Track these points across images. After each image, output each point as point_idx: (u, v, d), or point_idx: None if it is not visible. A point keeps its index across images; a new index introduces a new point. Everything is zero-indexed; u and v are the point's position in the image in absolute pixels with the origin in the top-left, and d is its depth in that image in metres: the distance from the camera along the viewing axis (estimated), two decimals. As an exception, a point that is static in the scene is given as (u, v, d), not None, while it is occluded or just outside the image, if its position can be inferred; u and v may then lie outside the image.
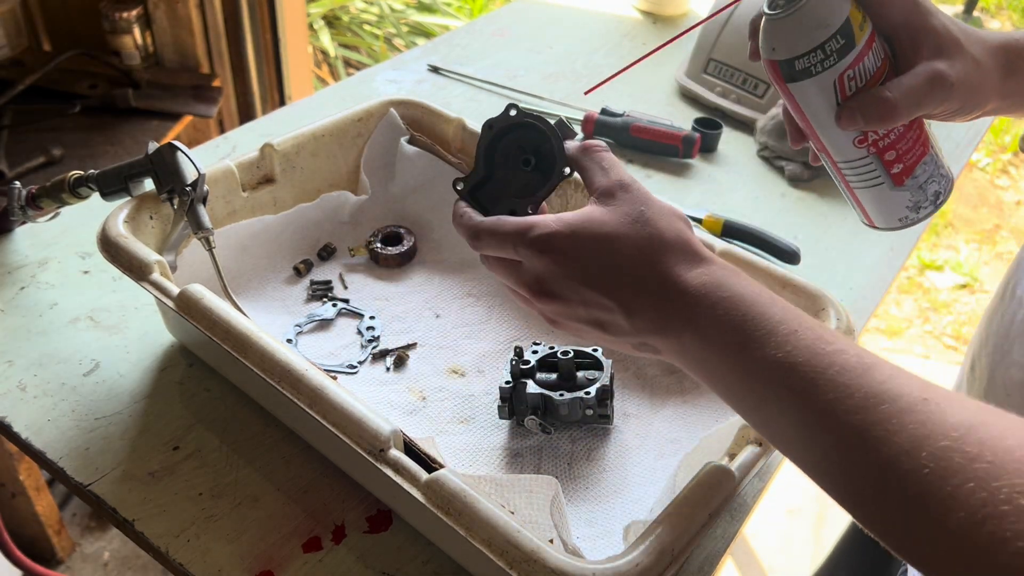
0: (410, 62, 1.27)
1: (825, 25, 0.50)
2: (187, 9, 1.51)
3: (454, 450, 0.68)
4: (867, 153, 0.56)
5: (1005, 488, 0.33)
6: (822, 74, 0.52)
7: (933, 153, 0.58)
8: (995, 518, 0.32)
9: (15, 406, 0.68)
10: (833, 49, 0.51)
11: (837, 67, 0.51)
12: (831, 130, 0.54)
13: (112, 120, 1.41)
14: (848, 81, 0.52)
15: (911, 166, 0.57)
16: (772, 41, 0.52)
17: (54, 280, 0.80)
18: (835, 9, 0.50)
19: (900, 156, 0.56)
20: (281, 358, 0.57)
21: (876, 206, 0.59)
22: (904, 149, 0.56)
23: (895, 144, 0.55)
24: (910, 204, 0.58)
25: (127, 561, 1.54)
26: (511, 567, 0.47)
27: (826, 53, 0.51)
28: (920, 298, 2.58)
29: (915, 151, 0.56)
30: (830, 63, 0.51)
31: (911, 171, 0.57)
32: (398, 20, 2.88)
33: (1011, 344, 0.64)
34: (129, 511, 0.61)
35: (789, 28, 0.51)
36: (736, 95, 1.18)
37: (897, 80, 0.51)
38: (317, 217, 0.84)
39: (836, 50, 0.51)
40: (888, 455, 0.36)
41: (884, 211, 0.59)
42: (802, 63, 0.51)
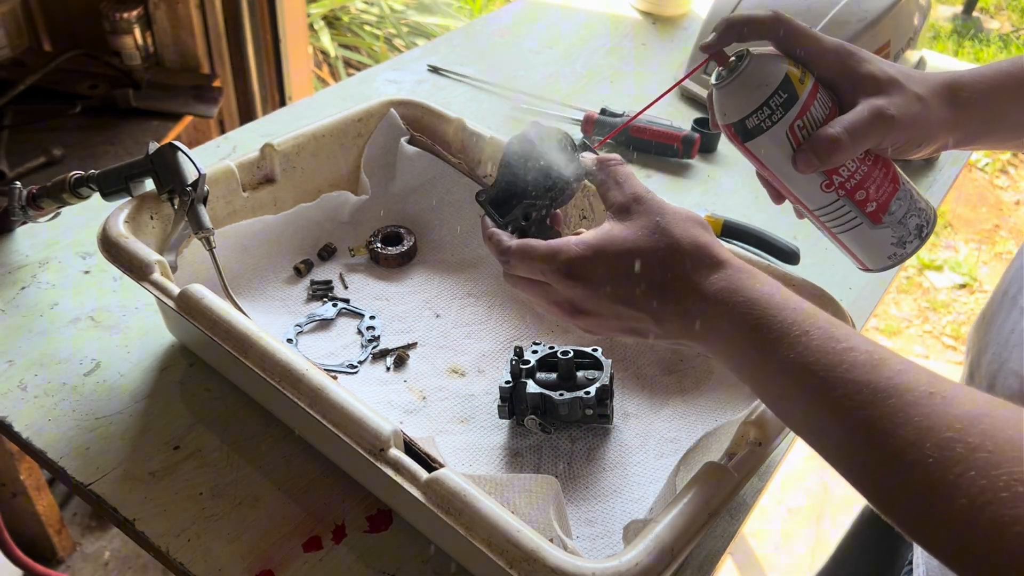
0: (410, 62, 1.27)
1: (765, 84, 0.55)
2: (187, 9, 1.52)
3: (454, 450, 0.68)
4: (837, 196, 0.59)
5: (1004, 476, 0.35)
6: (773, 128, 0.56)
7: (906, 189, 0.60)
8: (995, 504, 0.34)
9: (16, 406, 0.68)
10: (777, 104, 0.55)
11: (785, 119, 0.55)
12: (797, 179, 0.58)
13: (112, 120, 1.41)
14: (799, 131, 0.56)
15: (884, 203, 0.59)
16: (723, 108, 0.58)
17: (54, 280, 0.80)
18: (772, 71, 0.55)
19: (870, 196, 0.59)
20: (281, 358, 0.57)
21: (862, 248, 0.61)
22: (873, 187, 0.58)
23: (862, 184, 0.58)
24: (894, 240, 0.60)
25: (127, 561, 1.54)
26: (511, 566, 0.47)
27: (772, 108, 0.55)
28: (919, 298, 2.58)
29: (885, 187, 0.59)
30: (777, 116, 0.55)
31: (886, 208, 0.59)
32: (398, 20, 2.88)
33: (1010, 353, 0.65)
34: (130, 511, 0.61)
35: (734, 93, 0.56)
36: (736, 95, 1.18)
37: (839, 118, 0.55)
38: (317, 217, 0.84)
39: (780, 104, 0.55)
40: (895, 447, 0.39)
41: (871, 251, 0.61)
42: (752, 121, 0.56)
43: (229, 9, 1.58)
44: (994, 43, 3.91)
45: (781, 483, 1.84)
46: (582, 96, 1.21)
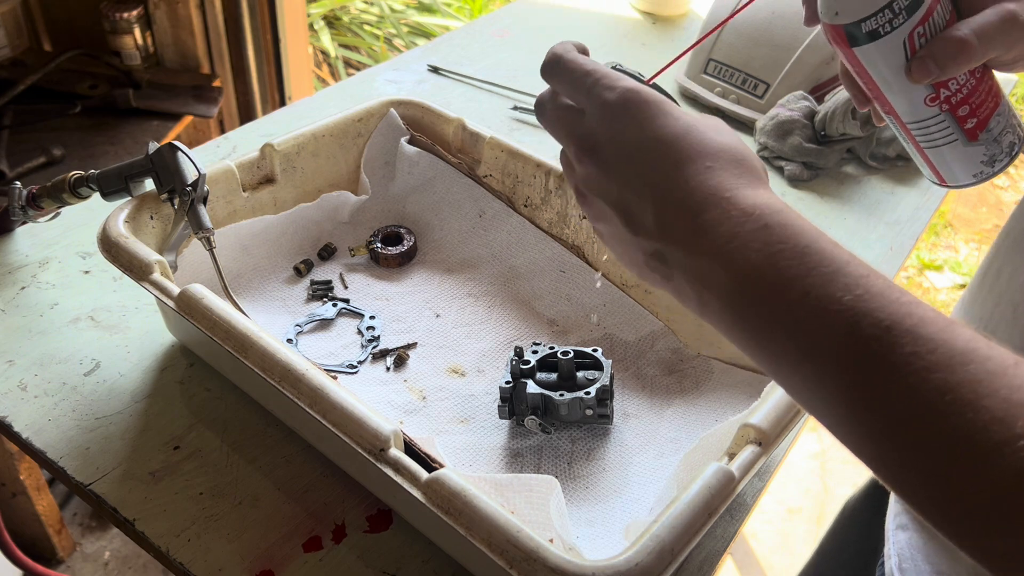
0: (410, 62, 1.27)
1: None
2: (187, 9, 1.52)
3: (454, 450, 0.68)
4: (939, 111, 0.54)
5: None
6: (891, 34, 0.49)
7: (1005, 104, 0.56)
8: None
9: (16, 406, 0.68)
10: (901, 7, 0.48)
11: (906, 26, 0.49)
12: (901, 91, 0.52)
13: (112, 120, 1.41)
14: (919, 39, 0.49)
15: (985, 119, 0.55)
16: (835, 4, 0.50)
17: (54, 280, 0.80)
18: None
19: (974, 110, 0.54)
20: (281, 358, 0.57)
21: (949, 164, 0.57)
22: (977, 103, 0.54)
23: (968, 98, 0.53)
24: (985, 158, 0.56)
25: (127, 561, 1.54)
26: (511, 566, 0.47)
27: (894, 12, 0.48)
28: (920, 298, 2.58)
29: (988, 103, 0.54)
30: (899, 22, 0.48)
31: (985, 124, 0.55)
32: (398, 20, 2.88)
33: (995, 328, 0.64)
34: (129, 511, 0.61)
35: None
36: (736, 95, 1.18)
37: (967, 20, 0.49)
38: (317, 217, 0.84)
39: (905, 7, 0.48)
40: (977, 421, 0.31)
41: (958, 168, 0.57)
42: (869, 25, 0.49)
43: (229, 9, 1.58)
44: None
45: (781, 483, 1.84)
46: (582, 96, 1.21)
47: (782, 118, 1.09)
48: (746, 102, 1.17)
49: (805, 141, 1.07)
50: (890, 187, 1.08)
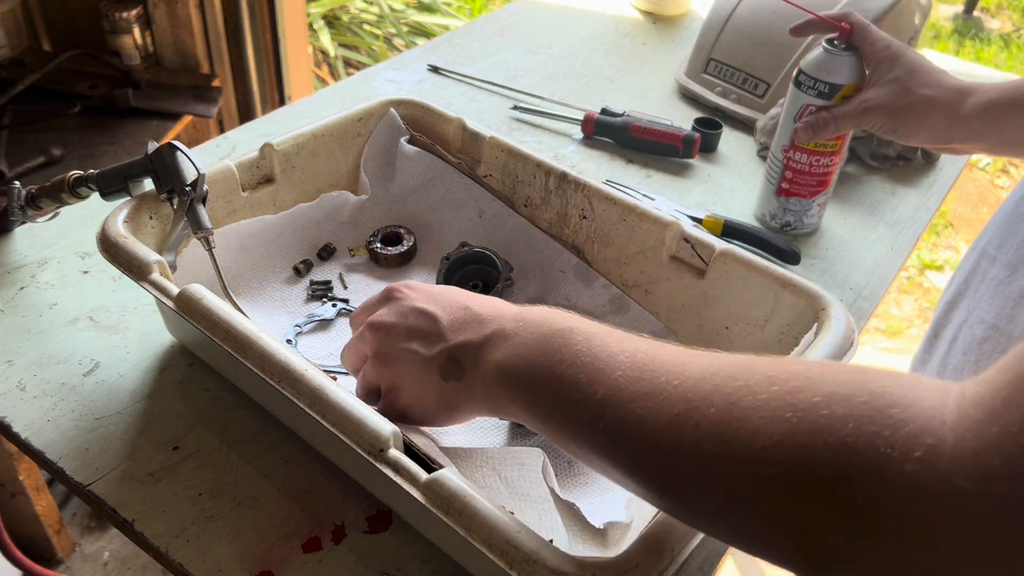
0: (410, 62, 1.27)
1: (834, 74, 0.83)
2: (187, 9, 1.52)
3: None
4: (781, 159, 0.89)
5: None
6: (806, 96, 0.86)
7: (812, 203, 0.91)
8: None
9: (15, 406, 0.68)
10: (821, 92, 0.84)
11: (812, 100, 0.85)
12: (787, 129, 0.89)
13: (112, 120, 1.41)
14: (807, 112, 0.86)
15: (791, 193, 0.90)
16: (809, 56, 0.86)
17: (54, 280, 0.80)
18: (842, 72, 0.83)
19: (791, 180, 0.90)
20: (281, 358, 0.57)
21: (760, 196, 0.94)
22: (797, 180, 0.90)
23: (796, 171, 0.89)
24: (769, 212, 0.93)
25: (127, 561, 1.54)
26: (511, 567, 0.47)
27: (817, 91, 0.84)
28: (920, 298, 2.58)
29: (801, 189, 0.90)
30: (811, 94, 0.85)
31: (789, 196, 0.91)
32: (398, 20, 2.88)
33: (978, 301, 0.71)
34: (129, 511, 0.61)
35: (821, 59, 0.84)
36: (736, 95, 1.18)
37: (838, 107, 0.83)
38: (317, 217, 0.84)
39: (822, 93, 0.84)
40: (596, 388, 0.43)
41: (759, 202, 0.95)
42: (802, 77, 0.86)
43: (228, 9, 1.58)
44: (995, 43, 3.91)
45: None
46: (582, 96, 1.21)
47: (782, 118, 1.09)
48: (746, 102, 1.17)
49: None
50: (891, 187, 1.08)
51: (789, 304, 0.68)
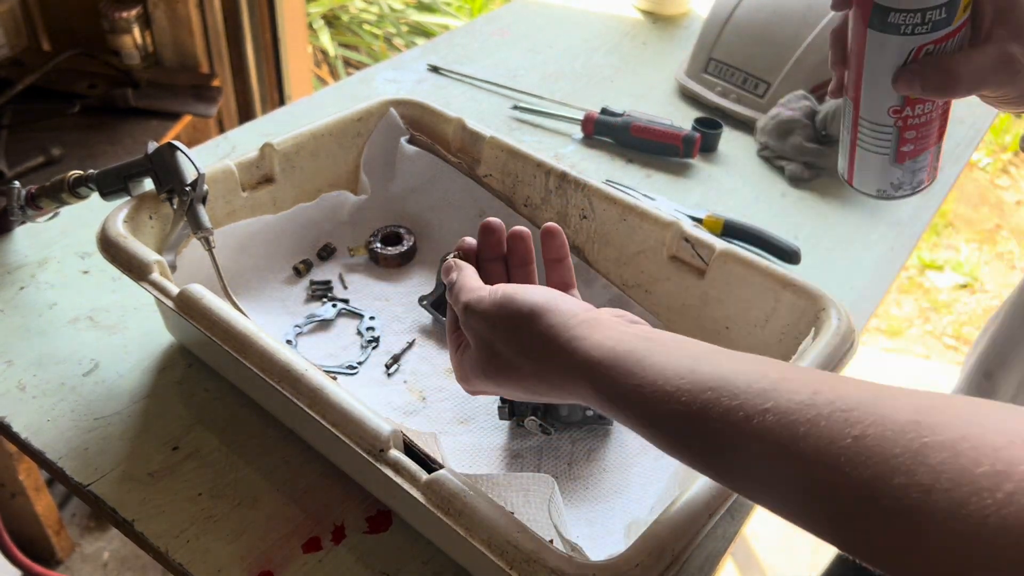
0: (410, 62, 1.26)
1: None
2: (187, 9, 1.51)
3: (454, 450, 0.67)
4: (893, 124, 0.56)
5: None
6: (908, 37, 0.51)
7: (940, 146, 0.58)
8: None
9: (14, 406, 0.68)
10: (932, 19, 0.49)
11: (924, 36, 0.50)
12: (878, 88, 0.54)
13: (112, 120, 1.41)
14: (925, 53, 0.51)
15: (919, 151, 0.58)
16: None
17: (54, 280, 0.80)
18: None
19: (917, 139, 0.56)
20: (281, 358, 0.57)
21: (866, 169, 0.59)
22: (924, 134, 0.56)
23: (921, 126, 0.55)
24: (895, 182, 0.59)
25: (127, 561, 1.54)
26: (511, 567, 0.47)
27: (923, 20, 0.50)
28: (920, 298, 2.58)
29: (931, 138, 0.57)
30: (922, 30, 0.50)
31: (916, 155, 0.58)
32: (398, 20, 2.88)
33: None
34: (129, 511, 0.61)
35: None
36: (736, 95, 1.18)
37: (966, 53, 0.51)
38: (317, 217, 0.84)
39: (934, 21, 0.49)
40: None
41: (870, 177, 0.60)
42: (896, 18, 0.50)
43: (228, 8, 1.58)
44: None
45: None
46: (582, 96, 1.21)
47: (783, 118, 1.08)
48: (747, 101, 1.17)
49: (806, 141, 1.06)
50: (891, 187, 1.08)
51: (789, 304, 0.68)
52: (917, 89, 0.51)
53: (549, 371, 0.47)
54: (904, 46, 0.51)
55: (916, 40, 0.51)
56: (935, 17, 0.49)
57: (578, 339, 0.46)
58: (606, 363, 0.44)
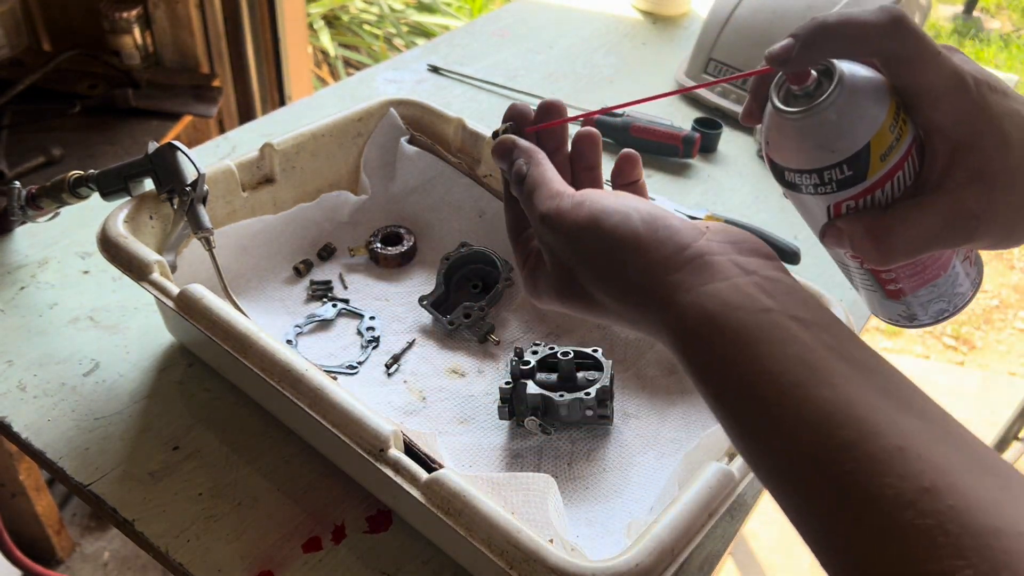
0: (410, 62, 1.27)
1: (831, 150, 0.38)
2: (187, 9, 1.51)
3: (454, 450, 0.67)
4: (860, 266, 0.45)
5: None
6: (814, 196, 0.41)
7: (953, 273, 0.46)
8: None
9: (15, 406, 0.68)
10: (833, 179, 0.39)
11: (834, 196, 0.40)
12: None
13: (112, 120, 1.41)
14: (847, 208, 0.41)
15: (914, 287, 0.46)
16: (769, 134, 0.41)
17: (54, 280, 0.80)
18: (853, 131, 0.38)
19: (899, 279, 0.45)
20: (281, 358, 0.57)
21: (869, 301, 0.50)
22: (906, 275, 0.45)
23: (896, 269, 0.44)
24: (904, 314, 0.48)
25: (127, 561, 1.54)
26: (511, 567, 0.47)
27: (823, 180, 0.39)
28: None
29: (924, 275, 0.45)
30: (826, 191, 0.40)
31: (913, 291, 0.46)
32: (398, 20, 2.88)
33: None
34: (129, 511, 0.61)
35: (790, 134, 0.39)
36: (736, 95, 1.18)
37: (904, 212, 0.39)
38: (317, 217, 0.84)
39: (836, 180, 0.39)
40: None
41: (877, 308, 0.50)
42: (793, 177, 0.41)
43: (228, 9, 1.58)
44: (995, 43, 3.91)
45: (781, 483, 1.83)
46: (582, 96, 1.21)
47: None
48: (746, 102, 1.17)
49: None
50: (890, 187, 1.08)
51: (789, 304, 0.68)
52: (848, 249, 0.41)
53: (636, 318, 0.39)
54: (818, 204, 0.41)
55: (826, 200, 0.40)
56: (836, 176, 0.39)
57: (677, 287, 0.37)
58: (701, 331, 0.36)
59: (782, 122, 0.39)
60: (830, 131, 0.38)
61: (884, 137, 0.38)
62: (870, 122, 0.37)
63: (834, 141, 0.38)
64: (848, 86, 0.37)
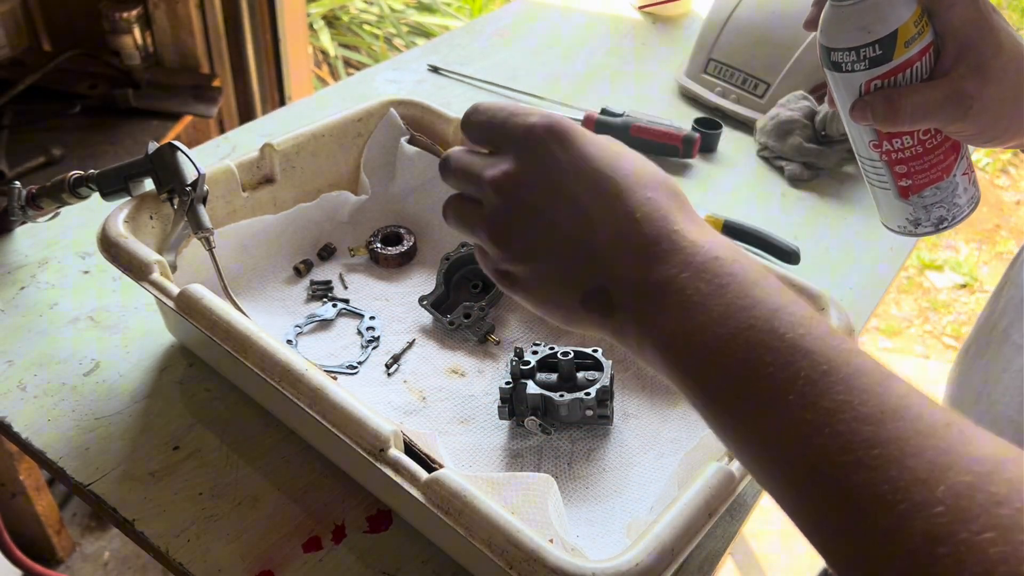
0: (410, 62, 1.27)
1: (868, 31, 0.50)
2: (187, 9, 1.51)
3: (454, 450, 0.67)
4: (879, 158, 0.57)
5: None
6: (851, 74, 0.53)
7: (953, 180, 0.57)
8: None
9: (15, 406, 0.68)
10: (867, 56, 0.51)
11: (865, 73, 0.52)
12: (853, 124, 0.56)
13: (112, 120, 1.41)
14: (875, 87, 0.52)
15: (920, 185, 0.57)
16: (824, 24, 0.53)
17: (54, 280, 0.80)
18: (886, 18, 0.50)
19: (910, 173, 0.57)
20: (281, 358, 0.57)
21: (882, 205, 0.60)
22: (917, 168, 0.56)
23: (908, 160, 0.56)
24: (910, 218, 0.59)
25: (127, 561, 1.54)
26: (511, 567, 0.47)
27: (859, 57, 0.51)
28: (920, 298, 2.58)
29: (930, 173, 0.56)
30: (860, 67, 0.52)
31: (919, 190, 0.57)
32: (398, 20, 2.88)
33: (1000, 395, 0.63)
34: (129, 511, 0.61)
35: (839, 19, 0.51)
36: (736, 95, 1.18)
37: (914, 87, 0.51)
38: (317, 217, 0.84)
39: (869, 58, 0.51)
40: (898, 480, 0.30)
41: (887, 213, 0.60)
42: (837, 56, 0.52)
43: (229, 9, 1.58)
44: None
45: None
46: (582, 96, 1.21)
47: (782, 118, 1.09)
48: (746, 102, 1.17)
49: (806, 141, 1.07)
50: (890, 187, 1.08)
51: (789, 304, 0.68)
52: (869, 118, 0.52)
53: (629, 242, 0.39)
54: (852, 82, 0.53)
55: (860, 76, 0.53)
56: (869, 54, 0.51)
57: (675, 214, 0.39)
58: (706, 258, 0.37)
59: (837, 11, 0.51)
60: (870, 15, 0.50)
61: (908, 29, 0.50)
62: (900, 13, 0.50)
63: (872, 23, 0.50)
64: None
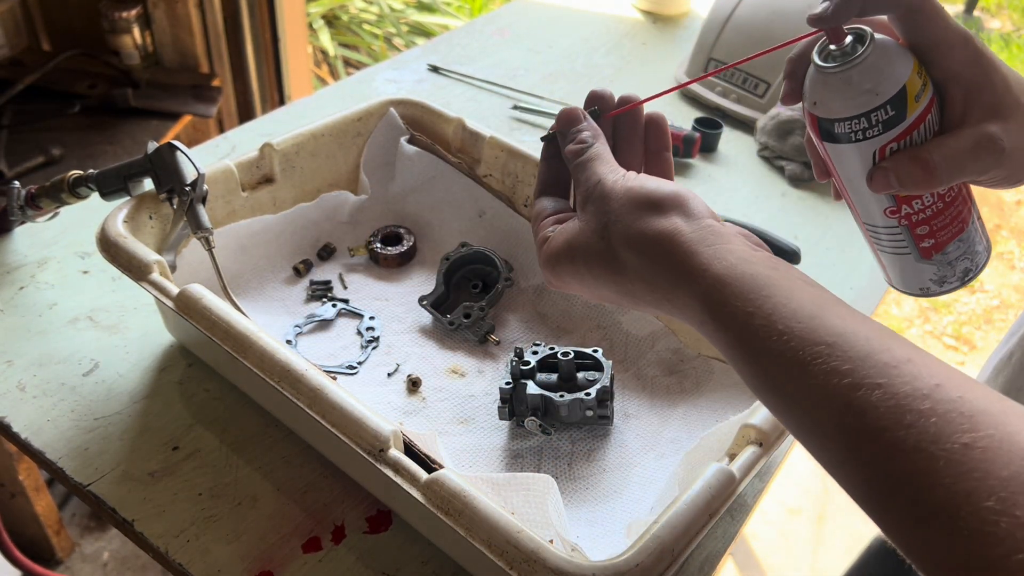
0: (410, 62, 1.26)
1: (875, 92, 0.45)
2: (187, 9, 1.51)
3: (454, 451, 0.67)
4: (897, 224, 0.51)
5: None
6: (862, 143, 0.47)
7: (973, 229, 0.52)
8: None
9: (14, 406, 0.68)
10: (879, 120, 0.46)
11: (880, 138, 0.46)
12: (862, 195, 0.50)
13: (112, 120, 1.41)
14: (890, 151, 0.47)
15: (943, 243, 0.51)
16: (815, 94, 0.48)
17: (53, 280, 0.80)
18: (890, 76, 0.45)
19: (933, 232, 0.51)
20: (281, 358, 0.57)
21: (898, 271, 0.54)
22: (939, 225, 0.51)
23: (930, 219, 0.50)
24: (934, 278, 0.53)
25: (127, 561, 1.54)
26: (511, 567, 0.47)
27: (871, 123, 0.46)
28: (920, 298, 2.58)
29: (951, 228, 0.51)
30: (873, 134, 0.46)
31: (942, 247, 0.52)
32: (398, 20, 2.88)
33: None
34: (129, 511, 0.61)
35: (835, 86, 0.46)
36: (736, 95, 1.18)
37: (939, 140, 0.46)
38: (317, 217, 0.84)
39: (882, 121, 0.46)
40: None
41: (905, 278, 0.54)
42: (842, 127, 0.47)
43: (228, 8, 1.58)
44: (995, 42, 3.91)
45: (781, 484, 1.84)
46: (582, 96, 1.20)
47: (783, 118, 1.08)
48: (747, 101, 1.17)
49: (806, 141, 1.06)
50: (890, 187, 1.08)
51: (789, 304, 0.68)
52: (894, 185, 0.47)
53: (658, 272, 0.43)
54: (864, 151, 0.47)
55: (873, 144, 0.47)
56: (882, 117, 0.45)
57: (701, 244, 0.42)
58: (725, 279, 0.40)
59: (829, 78, 0.46)
60: (874, 75, 0.45)
61: (915, 81, 0.45)
62: (903, 67, 0.45)
63: (878, 84, 0.45)
64: (879, 41, 0.45)
